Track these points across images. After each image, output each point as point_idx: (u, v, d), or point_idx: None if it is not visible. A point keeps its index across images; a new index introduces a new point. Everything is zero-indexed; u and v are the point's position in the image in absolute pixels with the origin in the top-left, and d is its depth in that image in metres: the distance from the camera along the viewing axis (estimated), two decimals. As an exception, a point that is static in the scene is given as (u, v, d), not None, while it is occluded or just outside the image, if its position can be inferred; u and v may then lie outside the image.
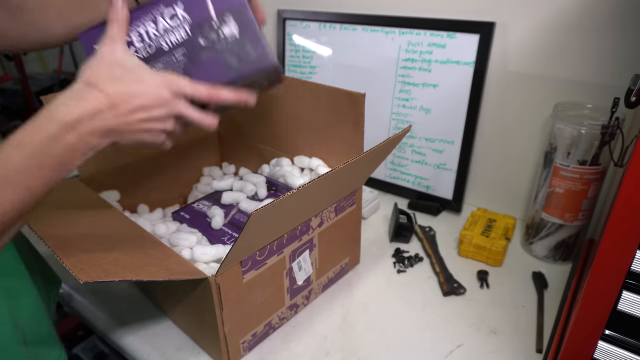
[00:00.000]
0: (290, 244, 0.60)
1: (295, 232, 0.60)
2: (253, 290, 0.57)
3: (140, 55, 0.48)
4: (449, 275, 0.75)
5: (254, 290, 0.57)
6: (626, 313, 0.43)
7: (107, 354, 1.11)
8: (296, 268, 0.63)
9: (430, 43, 0.88)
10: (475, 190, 0.94)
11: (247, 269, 0.55)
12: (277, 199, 0.46)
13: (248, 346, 0.61)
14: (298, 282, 0.65)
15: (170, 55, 0.49)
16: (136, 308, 0.69)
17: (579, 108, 0.75)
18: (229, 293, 0.53)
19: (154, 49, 0.48)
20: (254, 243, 0.53)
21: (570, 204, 0.73)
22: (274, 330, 0.65)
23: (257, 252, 0.55)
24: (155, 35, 0.48)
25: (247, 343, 0.60)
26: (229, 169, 0.96)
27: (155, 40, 0.48)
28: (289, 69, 1.11)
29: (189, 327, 0.63)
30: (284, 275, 0.62)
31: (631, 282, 0.42)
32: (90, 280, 0.40)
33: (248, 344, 0.61)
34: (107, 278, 0.42)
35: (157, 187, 0.87)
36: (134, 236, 0.55)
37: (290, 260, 0.62)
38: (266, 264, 0.58)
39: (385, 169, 1.03)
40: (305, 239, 0.63)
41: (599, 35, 0.72)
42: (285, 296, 0.64)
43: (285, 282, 0.63)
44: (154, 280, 0.45)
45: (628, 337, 0.44)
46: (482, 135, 0.89)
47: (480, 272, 0.76)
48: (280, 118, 0.82)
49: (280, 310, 0.64)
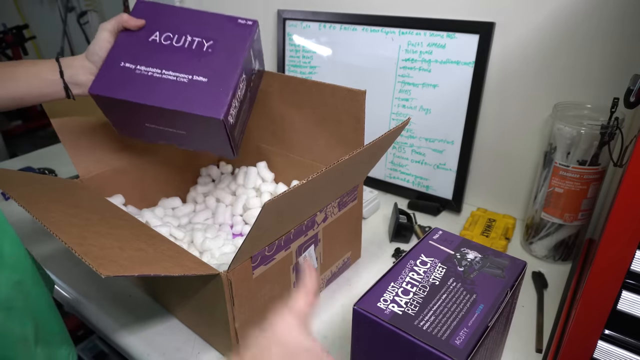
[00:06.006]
0: (297, 239, 0.61)
1: (301, 227, 0.61)
2: (262, 285, 0.58)
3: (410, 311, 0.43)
4: (449, 275, 0.75)
5: (263, 285, 0.58)
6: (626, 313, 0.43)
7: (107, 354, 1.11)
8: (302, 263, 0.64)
9: (430, 43, 0.88)
10: (475, 190, 0.95)
11: (256, 264, 0.56)
12: (287, 190, 0.46)
13: None
14: None
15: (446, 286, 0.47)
16: (136, 308, 0.69)
17: (579, 108, 0.75)
18: (239, 289, 0.54)
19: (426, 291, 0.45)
20: (264, 237, 0.54)
21: (570, 204, 0.73)
22: None
23: (266, 247, 0.56)
24: (422, 277, 0.47)
25: None
26: (226, 168, 0.96)
27: (424, 279, 0.47)
28: (289, 69, 1.11)
29: (197, 324, 0.64)
30: (291, 271, 0.63)
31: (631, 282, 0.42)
32: (111, 275, 0.41)
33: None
34: (126, 273, 0.43)
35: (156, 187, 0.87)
36: (143, 235, 0.55)
37: (297, 255, 0.63)
38: (275, 259, 0.59)
39: (385, 169, 1.03)
40: (310, 234, 0.64)
41: (598, 35, 0.72)
42: (292, 291, 0.65)
43: (292, 277, 0.63)
44: (168, 275, 0.46)
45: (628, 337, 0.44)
46: (482, 135, 0.89)
47: (480, 272, 0.76)
48: (279, 117, 0.82)
49: None
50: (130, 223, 0.59)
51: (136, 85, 0.62)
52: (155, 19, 0.67)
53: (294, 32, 1.07)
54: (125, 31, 0.66)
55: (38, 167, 1.11)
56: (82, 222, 0.53)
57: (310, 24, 1.03)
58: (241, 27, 0.68)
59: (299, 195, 0.51)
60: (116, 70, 0.63)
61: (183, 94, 0.62)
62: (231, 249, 0.74)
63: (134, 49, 0.65)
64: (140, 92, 0.62)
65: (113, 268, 0.42)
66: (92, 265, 0.41)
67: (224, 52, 0.65)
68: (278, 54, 1.10)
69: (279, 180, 0.89)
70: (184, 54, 0.65)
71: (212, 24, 0.68)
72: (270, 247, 0.57)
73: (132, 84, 0.62)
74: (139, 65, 0.63)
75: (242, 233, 0.82)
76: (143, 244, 0.52)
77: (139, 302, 0.70)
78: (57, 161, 1.17)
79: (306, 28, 1.05)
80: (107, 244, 0.48)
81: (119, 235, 0.53)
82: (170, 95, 0.62)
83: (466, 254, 0.50)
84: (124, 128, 0.70)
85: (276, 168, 0.89)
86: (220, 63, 0.64)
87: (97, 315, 0.69)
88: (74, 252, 0.43)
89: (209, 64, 0.64)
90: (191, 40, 0.66)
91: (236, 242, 0.76)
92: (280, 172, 0.89)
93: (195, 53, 0.65)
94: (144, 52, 0.65)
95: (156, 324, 0.66)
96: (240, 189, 0.87)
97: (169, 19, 0.68)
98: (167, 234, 0.74)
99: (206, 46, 0.66)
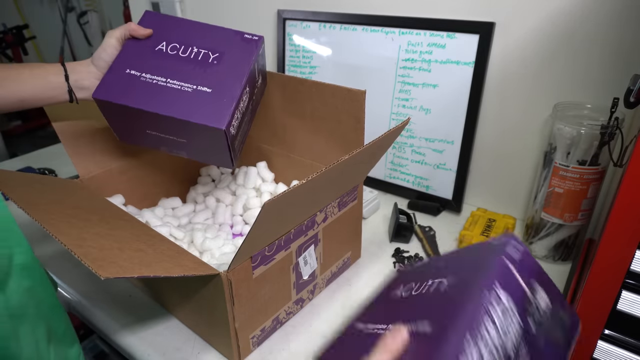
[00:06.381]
0: (296, 239, 0.61)
1: (301, 227, 0.61)
2: (262, 285, 0.58)
3: None
4: (449, 275, 0.75)
5: (263, 285, 0.58)
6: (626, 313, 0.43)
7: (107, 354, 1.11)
8: (302, 263, 0.64)
9: (430, 43, 0.88)
10: (475, 190, 0.95)
11: (256, 264, 0.56)
12: (287, 190, 0.46)
13: (257, 341, 0.62)
14: (304, 277, 0.66)
15: None
16: (136, 308, 0.69)
17: (579, 108, 0.75)
18: (239, 289, 0.54)
19: None
20: (264, 236, 0.54)
21: (570, 204, 0.73)
22: (281, 324, 0.66)
23: (266, 247, 0.56)
24: (500, 341, 0.31)
25: (256, 338, 0.61)
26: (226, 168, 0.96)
27: (501, 347, 0.31)
28: (289, 69, 1.11)
29: (197, 324, 0.64)
30: (291, 270, 0.63)
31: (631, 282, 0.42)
32: (111, 277, 0.41)
33: (257, 339, 0.62)
34: (126, 274, 0.43)
35: (156, 187, 0.87)
36: (143, 235, 0.55)
37: (297, 255, 0.63)
38: (274, 259, 0.59)
39: (385, 169, 1.03)
40: (310, 234, 0.64)
41: (598, 35, 0.72)
42: (292, 291, 0.65)
43: (292, 277, 0.64)
44: (168, 276, 0.46)
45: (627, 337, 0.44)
46: (482, 135, 0.89)
47: (480, 272, 0.76)
48: (279, 116, 0.82)
49: (287, 305, 0.65)
50: (130, 223, 0.59)
51: (140, 92, 0.63)
52: (162, 29, 0.68)
53: (294, 32, 1.07)
54: (132, 39, 0.67)
55: (38, 167, 1.11)
56: (81, 223, 0.53)
57: (310, 24, 1.03)
58: (247, 42, 0.69)
59: (299, 195, 0.51)
60: (121, 77, 0.64)
61: (186, 103, 0.62)
62: (231, 249, 0.74)
63: (140, 57, 0.65)
64: (143, 99, 0.62)
65: (112, 269, 0.42)
66: (91, 267, 0.41)
67: (229, 65, 0.66)
68: (278, 54, 1.10)
69: (279, 180, 0.89)
70: (190, 65, 0.66)
71: (218, 37, 0.68)
72: (270, 247, 0.57)
73: (136, 90, 0.63)
74: (144, 73, 0.64)
75: (242, 233, 0.82)
76: (143, 244, 0.52)
77: (139, 302, 0.71)
78: (57, 161, 1.17)
79: (306, 28, 1.05)
80: (106, 245, 0.48)
81: (118, 236, 0.53)
82: (173, 103, 0.62)
83: (537, 295, 0.34)
84: (125, 134, 0.71)
85: (276, 168, 0.89)
86: (225, 75, 0.65)
87: (98, 315, 0.69)
88: (73, 254, 0.43)
89: (214, 75, 0.65)
90: (197, 52, 0.67)
91: (236, 242, 0.77)
92: (280, 172, 0.89)
93: (201, 64, 0.66)
94: (150, 60, 0.65)
95: (156, 324, 0.66)
96: (240, 189, 0.87)
97: (176, 30, 0.68)
98: (167, 234, 0.74)
99: (212, 58, 0.66)
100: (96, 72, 0.64)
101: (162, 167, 0.87)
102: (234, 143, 0.67)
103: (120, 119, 0.67)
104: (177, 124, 0.63)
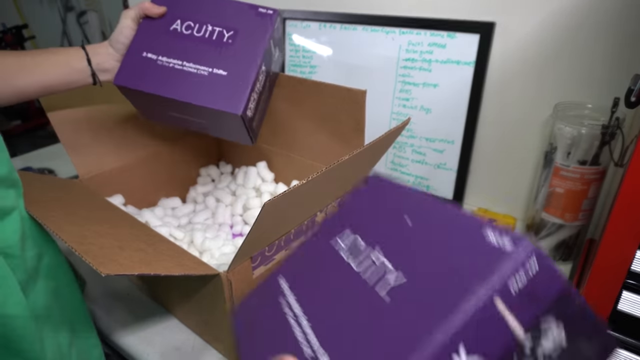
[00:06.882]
0: (297, 240, 0.61)
1: (301, 227, 0.61)
2: None
3: None
4: (449, 275, 0.75)
5: None
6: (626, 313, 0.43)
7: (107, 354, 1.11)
8: None
9: (430, 43, 0.88)
10: (475, 190, 0.94)
11: (257, 264, 0.56)
12: (287, 190, 0.46)
13: None
14: None
15: None
16: (136, 308, 0.69)
17: (579, 108, 0.75)
18: (239, 289, 0.54)
19: None
20: (264, 237, 0.54)
21: (571, 204, 0.73)
22: None
23: (266, 247, 0.56)
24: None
25: None
26: (226, 168, 0.96)
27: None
28: (289, 69, 1.11)
29: (196, 324, 0.64)
30: None
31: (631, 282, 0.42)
32: (112, 274, 0.41)
33: None
34: (126, 272, 0.43)
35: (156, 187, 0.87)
36: (143, 235, 0.55)
37: None
38: (275, 260, 0.59)
39: (385, 169, 1.03)
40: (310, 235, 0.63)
41: (599, 35, 0.72)
42: None
43: None
44: (169, 275, 0.46)
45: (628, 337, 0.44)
46: (482, 135, 0.89)
47: (480, 272, 0.76)
48: (279, 116, 0.82)
49: None
50: (130, 223, 0.59)
51: (157, 76, 0.64)
52: (175, 6, 0.68)
53: (294, 32, 1.07)
54: (147, 19, 0.67)
55: (38, 167, 1.11)
56: (81, 221, 0.53)
57: (311, 23, 1.03)
58: (262, 17, 0.68)
59: (299, 195, 0.51)
60: (139, 61, 0.64)
61: (203, 88, 0.63)
62: (231, 249, 0.74)
63: (156, 39, 0.65)
64: (161, 85, 0.63)
65: (113, 267, 0.42)
66: (92, 264, 0.41)
67: (244, 43, 0.66)
68: (278, 53, 1.10)
69: (279, 180, 0.89)
70: (205, 45, 0.66)
71: (232, 12, 0.68)
72: (270, 247, 0.57)
73: (153, 75, 0.64)
74: (160, 56, 0.64)
75: (242, 233, 0.82)
76: (143, 243, 0.52)
77: (139, 302, 0.70)
78: (56, 161, 1.17)
79: (306, 28, 1.04)
80: (107, 244, 0.48)
81: (118, 235, 0.53)
82: (190, 88, 0.63)
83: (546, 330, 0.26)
84: (148, 113, 0.73)
85: (276, 168, 0.89)
86: (240, 56, 0.65)
87: (97, 315, 0.69)
88: (74, 250, 0.43)
89: (229, 56, 0.65)
90: (212, 30, 0.66)
91: (236, 242, 0.76)
92: (280, 172, 0.88)
93: (216, 44, 0.66)
94: (165, 42, 0.65)
95: (155, 323, 0.66)
96: (240, 189, 0.87)
97: (189, 6, 0.68)
98: (167, 234, 0.74)
99: (226, 36, 0.66)
100: (115, 54, 0.64)
101: (162, 167, 0.87)
102: (252, 124, 0.67)
103: (142, 101, 0.68)
104: (195, 108, 0.64)
